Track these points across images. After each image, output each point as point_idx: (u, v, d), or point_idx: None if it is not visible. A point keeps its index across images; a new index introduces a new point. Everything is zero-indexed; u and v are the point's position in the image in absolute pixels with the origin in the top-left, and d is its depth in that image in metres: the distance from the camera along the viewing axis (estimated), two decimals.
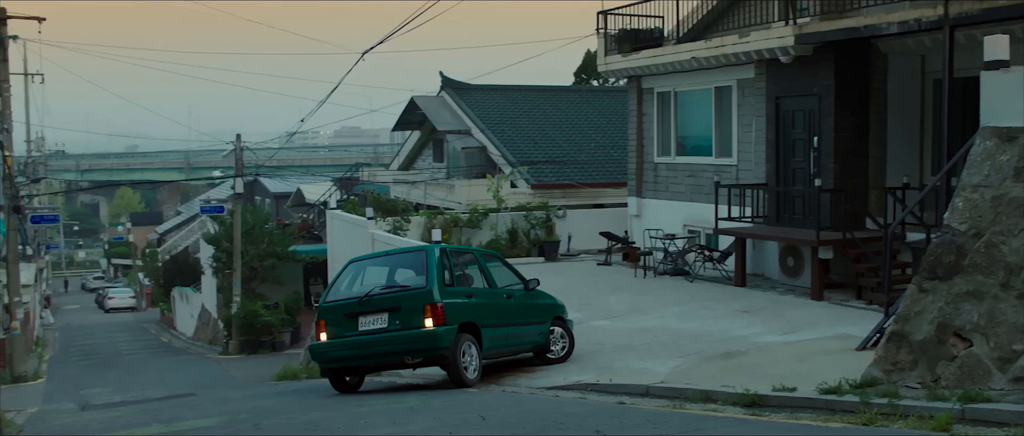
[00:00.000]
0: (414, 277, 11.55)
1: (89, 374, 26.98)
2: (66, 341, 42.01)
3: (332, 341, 11.47)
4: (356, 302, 11.41)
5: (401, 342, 10.99)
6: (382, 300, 11.30)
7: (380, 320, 11.18)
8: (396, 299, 11.26)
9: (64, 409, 19.04)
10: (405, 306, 11.09)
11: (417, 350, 11.00)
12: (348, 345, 11.35)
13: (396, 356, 11.18)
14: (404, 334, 10.96)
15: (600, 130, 32.68)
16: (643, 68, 21.44)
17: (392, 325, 11.08)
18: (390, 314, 11.13)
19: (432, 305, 10.92)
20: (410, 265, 11.95)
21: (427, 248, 12.22)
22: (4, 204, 24.43)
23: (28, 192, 39.21)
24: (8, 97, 24.82)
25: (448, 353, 10.97)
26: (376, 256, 13.85)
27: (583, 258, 23.36)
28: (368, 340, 11.18)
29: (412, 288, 11.34)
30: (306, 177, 70.05)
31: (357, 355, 11.37)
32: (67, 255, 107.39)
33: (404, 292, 11.34)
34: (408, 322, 10.99)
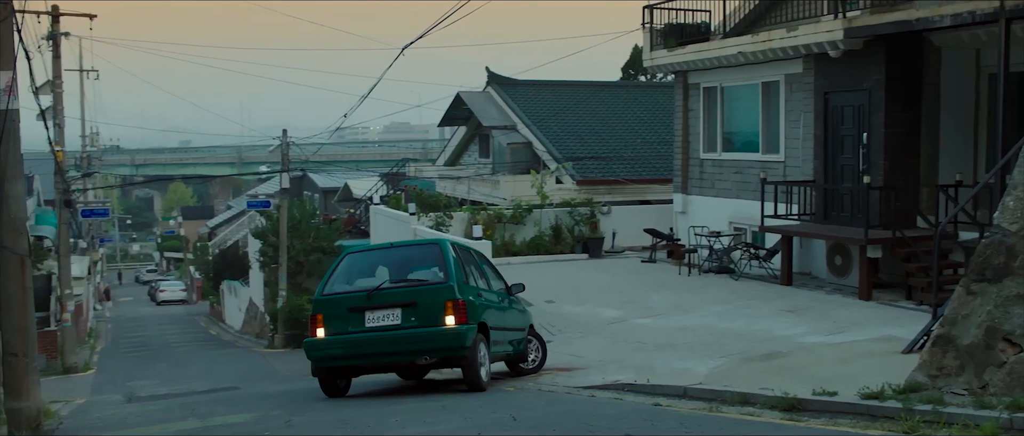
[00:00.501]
0: (428, 272, 10.76)
1: (138, 366, 27.30)
2: (118, 333, 42.67)
3: (333, 338, 10.45)
4: (364, 296, 10.50)
5: (417, 340, 10.22)
6: (395, 295, 10.45)
7: (392, 316, 10.32)
8: (412, 294, 10.41)
9: (110, 400, 19.25)
10: (423, 302, 10.29)
11: (436, 349, 10.27)
12: (352, 343, 10.36)
13: (409, 356, 10.42)
14: (421, 332, 10.19)
15: (647, 126, 32.37)
16: (689, 63, 21.15)
17: (407, 322, 10.25)
18: (404, 310, 10.29)
19: (454, 302, 10.21)
20: (421, 259, 11.17)
21: (441, 241, 11.53)
22: (56, 198, 24.84)
23: (80, 186, 39.91)
24: (60, 93, 25.22)
25: (469, 354, 10.30)
26: (379, 248, 13.14)
27: (627, 255, 23.13)
28: (377, 338, 10.28)
29: (430, 282, 10.52)
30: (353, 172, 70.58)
31: (362, 354, 10.41)
32: (122, 248, 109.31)
33: (421, 287, 10.50)
34: (426, 319, 10.21)
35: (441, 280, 10.47)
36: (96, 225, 65.78)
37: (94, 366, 27.85)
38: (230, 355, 30.04)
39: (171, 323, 46.60)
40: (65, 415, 13.29)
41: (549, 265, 21.64)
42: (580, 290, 18.58)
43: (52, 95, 24.94)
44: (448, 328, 10.19)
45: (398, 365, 11.05)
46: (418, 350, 10.33)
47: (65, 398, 20.12)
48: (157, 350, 32.48)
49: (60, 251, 25.76)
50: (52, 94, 24.93)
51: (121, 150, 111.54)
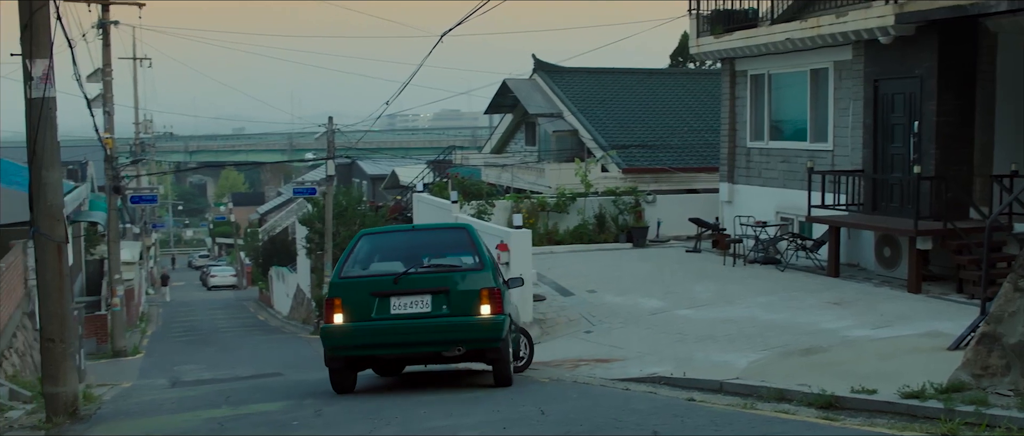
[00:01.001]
0: (456, 257, 10.10)
1: (186, 350, 27.66)
2: (169, 317, 43.30)
3: (353, 325, 9.59)
4: (390, 280, 9.67)
5: (450, 330, 9.51)
6: (426, 280, 9.69)
7: (421, 303, 9.58)
8: (444, 280, 9.68)
9: (155, 385, 19.48)
10: (456, 289, 9.62)
11: (470, 340, 9.61)
12: (376, 331, 9.55)
13: (439, 347, 9.70)
14: (454, 321, 9.50)
15: (695, 114, 31.95)
16: (736, 50, 20.79)
17: (437, 310, 9.55)
18: (434, 297, 9.58)
19: (490, 290, 9.59)
20: (448, 243, 10.50)
21: (467, 225, 10.99)
22: (105, 184, 25.17)
23: (130, 173, 40.50)
24: (110, 81, 25.53)
25: (502, 346, 9.69)
26: (399, 230, 12.31)
27: (672, 244, 22.86)
28: (405, 326, 9.52)
29: (465, 268, 9.86)
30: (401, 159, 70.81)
31: (387, 343, 9.67)
32: (175, 233, 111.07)
33: (455, 272, 9.79)
34: (459, 307, 9.55)
35: (476, 266, 9.89)
36: (149, 211, 66.85)
37: (143, 350, 28.29)
38: (276, 341, 30.32)
39: (221, 308, 47.18)
40: (107, 399, 13.43)
41: (592, 254, 21.46)
42: (622, 280, 18.38)
43: (102, 83, 25.26)
44: (484, 318, 9.59)
45: (427, 356, 10.28)
46: (450, 340, 9.64)
47: (112, 382, 20.42)
48: (206, 335, 32.89)
49: (109, 237, 26.11)
50: (102, 82, 25.25)
51: (174, 137, 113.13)
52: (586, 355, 13.35)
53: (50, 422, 9.38)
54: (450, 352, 9.87)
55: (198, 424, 8.46)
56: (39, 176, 9.18)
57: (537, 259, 20.42)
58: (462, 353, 9.94)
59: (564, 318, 15.95)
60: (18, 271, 16.68)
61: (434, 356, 10.20)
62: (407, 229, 11.89)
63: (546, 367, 12.82)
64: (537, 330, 15.51)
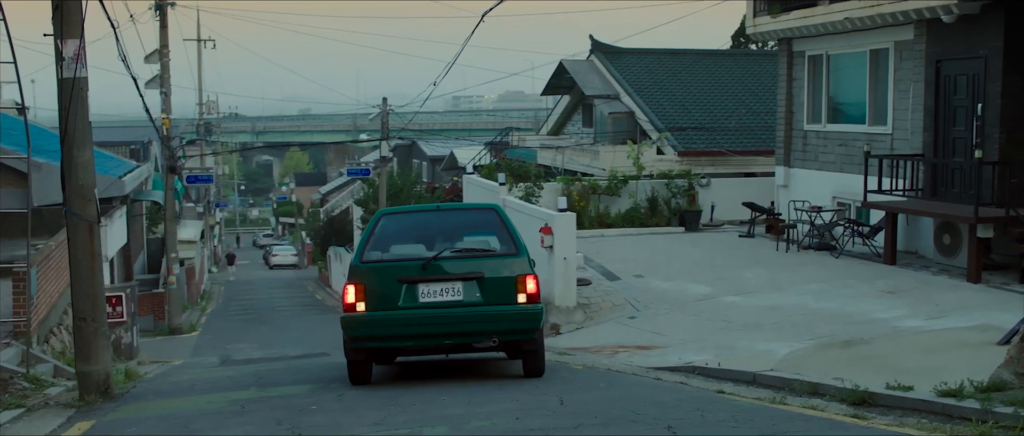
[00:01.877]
0: (484, 239, 9.51)
1: (241, 329, 27.97)
2: (229, 295, 43.92)
3: (378, 314, 8.94)
4: (418, 265, 9.05)
5: (484, 320, 8.91)
6: (457, 266, 9.07)
7: (453, 290, 8.97)
8: (477, 265, 9.07)
9: (205, 363, 19.72)
10: (491, 275, 9.01)
11: (505, 331, 9.02)
12: (404, 321, 8.92)
13: (472, 337, 9.06)
14: (490, 310, 8.91)
15: (755, 96, 31.26)
16: (793, 30, 20.23)
17: (471, 298, 8.96)
18: (466, 284, 8.98)
19: (527, 277, 9.01)
20: (476, 225, 9.86)
21: (497, 206, 10.37)
22: (162, 164, 25.52)
23: (193, 153, 41.05)
24: (167, 62, 25.81)
25: (538, 337, 9.18)
26: (423, 210, 11.44)
27: (726, 229, 22.40)
28: (435, 316, 8.93)
29: (499, 253, 9.25)
30: (464, 140, 70.86)
31: (414, 334, 9.01)
32: (241, 213, 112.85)
33: (489, 258, 9.21)
34: (494, 295, 8.95)
35: (511, 251, 9.26)
36: (214, 191, 67.91)
37: (200, 328, 28.68)
38: (331, 320, 30.42)
39: (280, 287, 47.74)
40: (150, 377, 13.58)
41: (642, 238, 21.12)
42: (671, 265, 18.04)
43: (159, 64, 25.55)
44: (521, 307, 8.96)
45: (456, 347, 9.48)
46: (484, 331, 8.98)
47: (165, 359, 20.74)
48: (262, 313, 33.25)
49: (166, 217, 26.49)
50: (159, 63, 25.54)
51: (241, 117, 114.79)
52: (627, 341, 13.10)
53: (82, 400, 9.45)
54: (483, 343, 9.20)
55: (222, 405, 8.43)
56: (70, 156, 9.22)
57: (586, 242, 20.17)
58: (496, 344, 9.31)
59: (609, 303, 15.69)
60: None
61: (466, 347, 9.46)
62: (432, 209, 11.21)
63: (585, 353, 12.62)
64: (581, 315, 15.30)
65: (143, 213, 32.33)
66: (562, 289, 15.25)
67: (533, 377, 9.39)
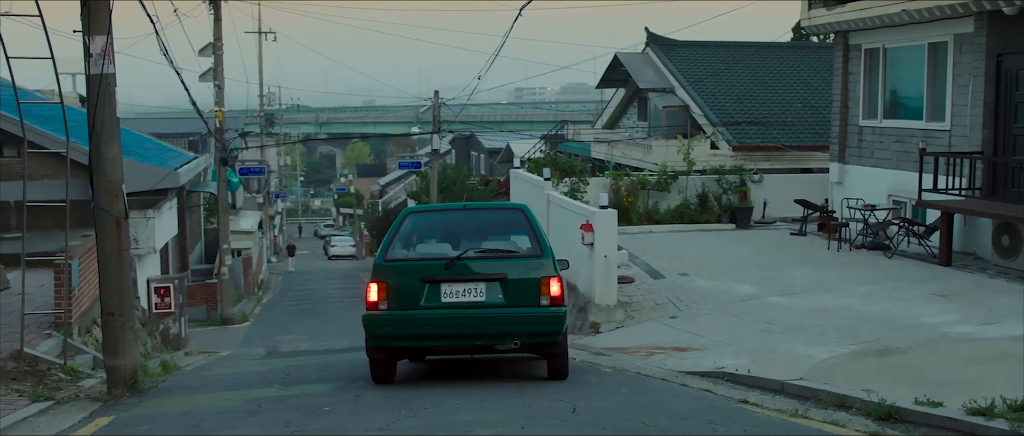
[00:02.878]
0: (510, 240, 9.46)
1: (291, 320, 28.23)
2: (286, 285, 44.38)
3: (399, 313, 8.90)
4: (441, 265, 8.99)
5: (508, 322, 8.84)
6: (481, 266, 9.00)
7: (476, 291, 8.88)
8: (501, 266, 8.98)
9: (251, 354, 19.92)
10: (514, 276, 8.92)
11: (529, 334, 8.95)
12: (426, 321, 8.86)
13: (495, 339, 8.96)
14: (513, 313, 8.84)
15: (813, 89, 30.59)
16: (849, 22, 19.66)
17: (493, 299, 8.87)
18: (489, 285, 8.90)
19: (551, 279, 8.91)
20: (502, 225, 9.81)
21: (524, 207, 10.18)
22: (215, 157, 25.82)
23: (249, 144, 41.48)
24: (221, 55, 26.08)
25: (561, 340, 9.13)
26: (449, 209, 11.60)
27: (778, 226, 21.91)
28: (458, 316, 8.85)
29: (523, 254, 9.18)
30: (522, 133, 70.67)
31: (436, 334, 8.96)
32: (303, 203, 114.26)
33: (513, 259, 9.13)
34: (517, 297, 8.87)
35: (535, 252, 9.17)
36: (276, 181, 68.74)
37: (252, 318, 29.01)
38: None
39: (337, 278, 48.08)
40: (188, 370, 13.70)
41: (691, 235, 20.76)
42: (718, 263, 17.68)
43: (212, 57, 25.82)
44: (544, 309, 8.88)
45: (478, 348, 9.32)
46: (507, 333, 8.91)
47: (213, 350, 20.99)
48: (315, 304, 33.53)
49: (219, 208, 26.79)
50: (212, 56, 25.81)
51: (305, 109, 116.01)
52: (665, 342, 12.83)
53: (110, 394, 9.52)
54: (505, 345, 9.07)
55: (240, 403, 8.41)
56: (98, 152, 9.27)
57: (633, 239, 19.90)
58: (518, 347, 9.15)
59: (651, 302, 15.41)
60: None
61: (488, 348, 9.27)
62: (458, 208, 11.24)
63: (621, 354, 12.38)
64: (621, 313, 15.05)
65: (201, 204, 32.80)
66: (602, 287, 15.02)
67: (557, 379, 9.28)
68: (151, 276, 18.96)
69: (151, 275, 19.14)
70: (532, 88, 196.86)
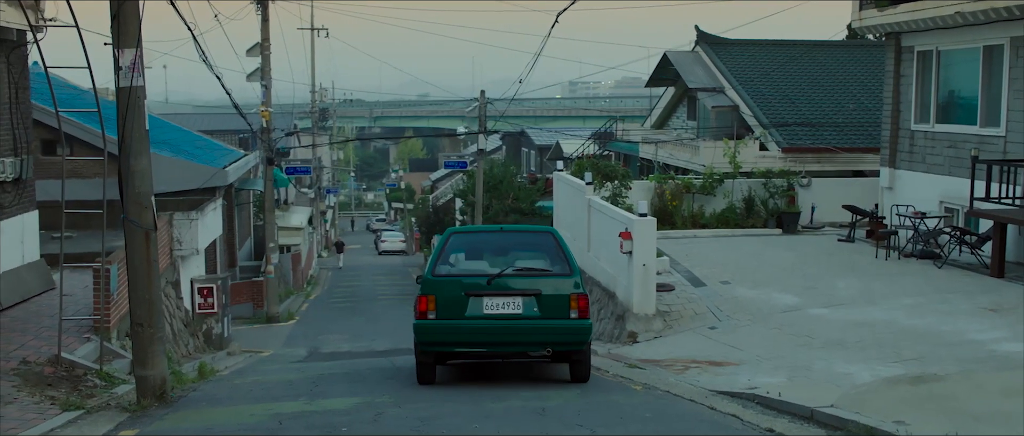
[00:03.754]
0: (543, 261, 10.60)
1: (336, 318, 28.37)
2: (335, 281, 44.67)
3: (446, 322, 10.04)
4: (484, 281, 10.15)
5: (541, 332, 10.04)
6: (518, 282, 10.17)
7: (513, 305, 10.05)
8: (536, 283, 10.17)
9: (292, 355, 20.04)
10: (547, 292, 10.11)
11: (558, 343, 10.19)
12: (470, 330, 10.03)
13: (529, 347, 10.22)
14: (546, 324, 10.03)
15: (866, 89, 29.91)
16: (901, 24, 19.17)
17: (529, 312, 10.05)
18: (525, 299, 10.07)
19: (579, 295, 10.13)
20: (535, 246, 10.98)
21: (554, 230, 11.49)
22: (261, 156, 26.00)
23: (301, 140, 41.76)
24: (268, 55, 26.24)
25: (586, 349, 10.34)
26: (488, 230, 13.18)
27: (826, 232, 21.46)
28: (498, 326, 10.01)
29: (556, 273, 10.34)
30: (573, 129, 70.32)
31: (478, 342, 10.13)
32: (356, 196, 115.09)
33: (546, 276, 10.30)
34: (550, 311, 10.04)
35: (565, 271, 10.39)
36: (330, 175, 69.29)
37: (298, 316, 29.20)
38: None
39: (386, 274, 48.29)
40: (224, 376, 13.78)
41: (736, 240, 20.41)
42: (761, 270, 17.35)
43: (260, 57, 26.00)
44: (573, 322, 10.14)
45: (513, 355, 10.52)
46: (540, 342, 10.18)
47: (255, 349, 21.16)
48: (362, 302, 33.67)
49: (265, 207, 26.99)
50: (260, 56, 25.99)
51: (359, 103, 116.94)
52: (701, 355, 12.59)
53: (139, 404, 9.57)
54: (537, 352, 10.36)
55: (262, 419, 8.40)
56: (128, 164, 9.30)
57: (676, 244, 19.64)
58: (549, 354, 10.40)
59: (690, 311, 15.17)
60: (163, 241, 17.34)
61: (522, 355, 10.55)
62: (495, 229, 12.62)
63: (656, 367, 12.18)
64: (660, 323, 14.83)
65: (250, 201, 33.13)
66: (640, 296, 14.82)
67: (579, 382, 10.57)
68: (195, 276, 19.14)
69: (195, 275, 19.32)
70: (586, 82, 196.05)
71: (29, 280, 15.41)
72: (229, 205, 29.02)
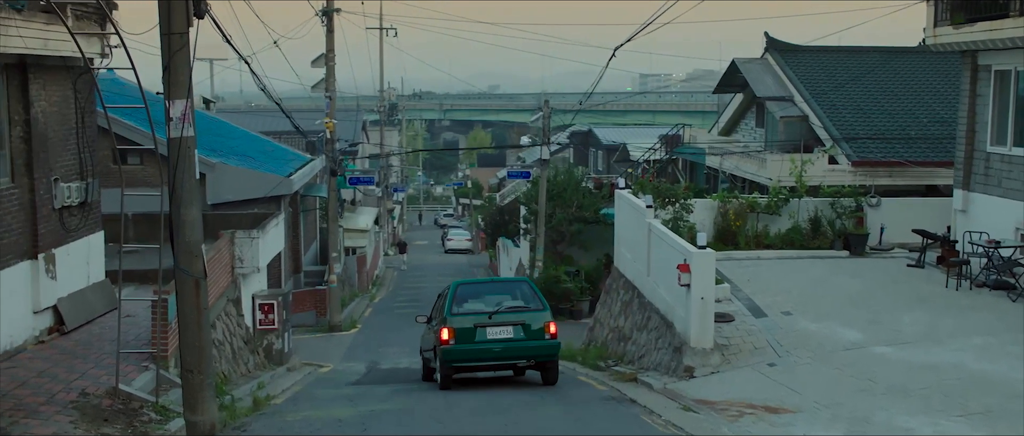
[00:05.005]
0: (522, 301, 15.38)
1: (398, 327, 28.49)
2: (399, 283, 44.96)
3: (461, 346, 14.58)
4: (486, 316, 14.82)
5: (527, 349, 14.86)
6: (509, 317, 14.90)
7: (507, 331, 14.78)
8: (522, 316, 14.90)
9: (351, 371, 20.20)
10: (529, 322, 14.86)
11: (539, 356, 14.98)
12: (477, 351, 14.72)
13: (519, 359, 14.98)
14: (530, 344, 14.82)
15: (943, 100, 28.94)
16: (978, 43, 18.49)
17: (518, 336, 14.77)
18: (515, 327, 14.81)
19: (549, 323, 14.99)
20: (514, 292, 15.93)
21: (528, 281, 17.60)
22: (325, 166, 26.20)
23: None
24: (333, 66, 26.39)
25: (555, 359, 15.30)
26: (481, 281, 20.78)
27: (895, 254, 20.82)
28: (496, 348, 14.72)
29: (533, 309, 15.08)
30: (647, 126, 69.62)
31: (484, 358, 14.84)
32: (425, 190, 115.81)
33: (528, 311, 15.02)
34: (532, 334, 14.82)
35: (540, 307, 15.22)
36: (399, 171, 69.80)
37: (360, 323, 29.43)
38: None
39: (450, 275, 48.31)
40: (279, 404, 13.91)
41: (800, 263, 19.92)
42: (825, 300, 16.90)
43: (325, 68, 26.17)
44: (548, 341, 14.99)
45: (507, 366, 15.35)
46: (525, 356, 15.01)
47: (316, 362, 21.35)
48: (424, 307, 33.70)
49: (329, 217, 27.23)
50: (325, 67, 26.16)
51: (421, 96, 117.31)
52: (757, 399, 12.30)
53: None
54: (523, 364, 15.27)
55: None
56: (178, 214, 9.37)
57: (738, 266, 19.27)
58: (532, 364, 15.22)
59: (749, 345, 14.84)
60: (225, 260, 17.56)
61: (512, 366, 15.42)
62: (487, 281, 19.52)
63: (710, 410, 11.94)
64: (718, 357, 14.53)
65: (316, 207, 33.46)
66: (698, 330, 14.54)
67: (549, 385, 15.22)
68: (256, 292, 19.36)
69: (257, 290, 19.55)
70: (657, 75, 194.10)
71: (94, 301, 15.74)
72: (294, 211, 29.35)
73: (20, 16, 12.27)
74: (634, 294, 18.98)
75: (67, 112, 14.87)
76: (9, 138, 13.32)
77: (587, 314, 28.95)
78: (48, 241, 14.08)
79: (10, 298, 12.98)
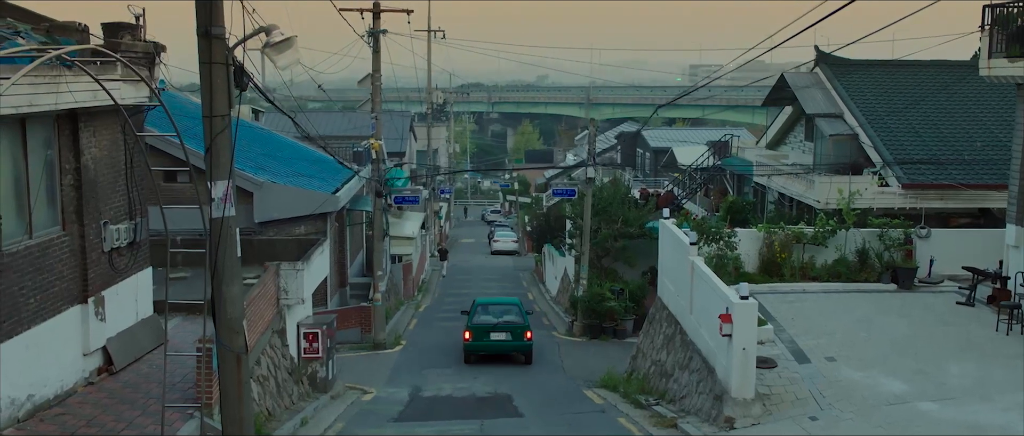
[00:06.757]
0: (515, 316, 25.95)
1: (442, 343, 28.65)
2: (445, 288, 45.08)
3: (477, 343, 25.35)
4: (493, 325, 25.32)
5: (516, 346, 25.38)
6: (506, 326, 25.34)
7: (504, 335, 25.29)
8: (512, 326, 25.36)
9: (394, 399, 20.35)
10: (516, 330, 25.32)
11: (522, 351, 25.40)
12: (486, 346, 25.36)
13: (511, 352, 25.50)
14: (518, 342, 25.32)
15: (998, 118, 28.25)
16: None
17: (511, 338, 25.22)
18: (508, 331, 25.27)
19: (528, 331, 25.48)
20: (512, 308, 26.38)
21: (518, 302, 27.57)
22: (371, 182, 26.33)
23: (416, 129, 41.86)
24: (379, 86, 26.52)
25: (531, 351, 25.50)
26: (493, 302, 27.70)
27: (944, 288, 20.42)
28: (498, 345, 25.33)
29: (520, 323, 25.57)
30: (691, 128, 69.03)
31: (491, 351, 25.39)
32: (472, 184, 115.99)
33: (515, 325, 25.46)
34: (518, 338, 25.28)
35: (524, 322, 25.69)
36: (447, 166, 69.98)
37: (404, 340, 29.58)
38: (542, 335, 30.41)
39: (496, 280, 48.47)
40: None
41: (846, 298, 19.63)
42: (870, 343, 16.68)
43: (371, 87, 26.31)
44: (527, 342, 25.46)
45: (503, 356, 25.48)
46: (516, 350, 25.49)
47: (360, 386, 21.54)
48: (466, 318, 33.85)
49: (374, 235, 27.42)
50: (371, 86, 26.30)
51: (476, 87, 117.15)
52: None
53: None
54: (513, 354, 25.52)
55: None
56: (220, 291, 9.51)
57: (783, 301, 19.09)
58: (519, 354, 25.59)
59: (791, 396, 14.70)
60: (270, 292, 17.78)
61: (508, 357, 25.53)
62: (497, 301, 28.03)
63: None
64: (759, 408, 14.42)
65: (363, 221, 33.70)
66: (739, 380, 14.45)
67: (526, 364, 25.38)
68: (301, 320, 19.58)
69: (301, 318, 19.77)
70: (707, 65, 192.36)
71: (142, 337, 16.01)
72: (340, 225, 29.59)
73: (70, 72, 12.49)
74: (677, 329, 18.90)
75: (116, 155, 15.10)
76: (60, 187, 13.57)
77: (631, 333, 28.89)
78: (98, 284, 14.34)
79: (61, 343, 13.25)
